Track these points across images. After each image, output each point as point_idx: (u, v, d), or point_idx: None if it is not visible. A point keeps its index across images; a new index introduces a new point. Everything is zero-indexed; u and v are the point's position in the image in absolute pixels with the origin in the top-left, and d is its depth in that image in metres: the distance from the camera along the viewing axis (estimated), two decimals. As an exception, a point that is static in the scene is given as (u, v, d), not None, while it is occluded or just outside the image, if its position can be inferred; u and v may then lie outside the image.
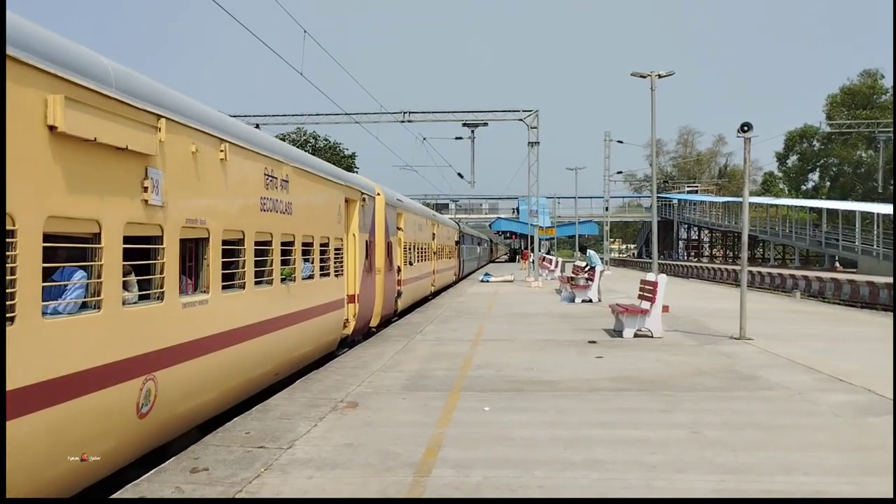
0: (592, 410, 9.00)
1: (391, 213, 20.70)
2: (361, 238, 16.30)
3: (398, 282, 21.76)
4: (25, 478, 5.42)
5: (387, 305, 19.48)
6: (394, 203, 21.58)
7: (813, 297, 35.54)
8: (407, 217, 24.13)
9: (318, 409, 9.02)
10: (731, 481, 6.25)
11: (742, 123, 15.52)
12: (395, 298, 21.13)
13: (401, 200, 23.80)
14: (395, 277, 21.05)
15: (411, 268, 24.78)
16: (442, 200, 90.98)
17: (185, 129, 7.93)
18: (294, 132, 64.04)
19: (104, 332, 6.35)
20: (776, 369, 11.80)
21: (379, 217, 18.64)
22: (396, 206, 22.11)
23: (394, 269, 20.82)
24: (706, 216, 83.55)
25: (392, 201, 21.23)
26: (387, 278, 19.28)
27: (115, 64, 6.91)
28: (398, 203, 22.87)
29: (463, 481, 6.28)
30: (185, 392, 8.00)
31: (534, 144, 41.49)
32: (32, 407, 5.41)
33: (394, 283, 20.84)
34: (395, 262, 21.24)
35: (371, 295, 17.30)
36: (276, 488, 6.12)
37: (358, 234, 15.97)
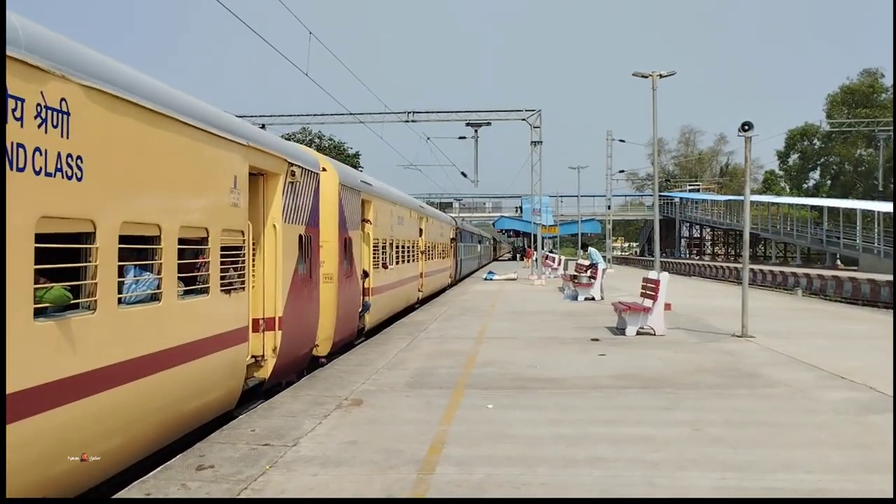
0: (595, 408, 9.04)
1: (351, 200, 15.44)
2: (290, 232, 11.11)
3: (365, 291, 16.98)
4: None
5: (343, 325, 14.40)
6: (356, 186, 16.22)
7: (814, 294, 35.55)
8: (379, 206, 18.74)
9: (323, 406, 9.08)
10: (733, 478, 6.29)
11: (743, 122, 15.55)
12: (359, 314, 16.20)
13: (369, 184, 18.38)
14: (358, 286, 15.97)
15: (386, 272, 19.35)
16: (446, 199, 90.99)
17: None
18: (299, 132, 64.25)
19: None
20: (778, 367, 11.84)
21: (328, 203, 13.58)
22: (361, 191, 16.67)
23: (356, 275, 15.61)
24: (708, 214, 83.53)
25: (352, 183, 15.96)
26: (343, 288, 14.28)
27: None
28: (365, 187, 17.41)
29: (466, 479, 6.32)
30: None
31: (537, 144, 41.59)
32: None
33: (356, 294, 15.80)
34: (359, 266, 16.04)
35: (312, 314, 12.43)
36: (282, 485, 6.17)
37: (282, 227, 10.65)
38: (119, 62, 7.06)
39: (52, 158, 5.60)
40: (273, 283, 10.63)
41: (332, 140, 70.30)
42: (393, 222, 20.84)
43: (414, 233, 25.47)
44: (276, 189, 10.78)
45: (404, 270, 22.67)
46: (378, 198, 18.76)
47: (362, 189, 16.93)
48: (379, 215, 18.55)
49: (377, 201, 18.49)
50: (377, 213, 18.29)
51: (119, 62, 7.06)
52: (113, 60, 6.94)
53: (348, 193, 15.13)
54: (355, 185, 16.22)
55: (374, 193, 18.33)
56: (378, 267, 18.22)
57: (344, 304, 14.34)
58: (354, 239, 15.56)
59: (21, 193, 5.21)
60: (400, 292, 21.90)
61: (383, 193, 20.24)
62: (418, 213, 26.95)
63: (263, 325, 10.48)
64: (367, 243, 17.31)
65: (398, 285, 21.38)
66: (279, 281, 10.67)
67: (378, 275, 18.18)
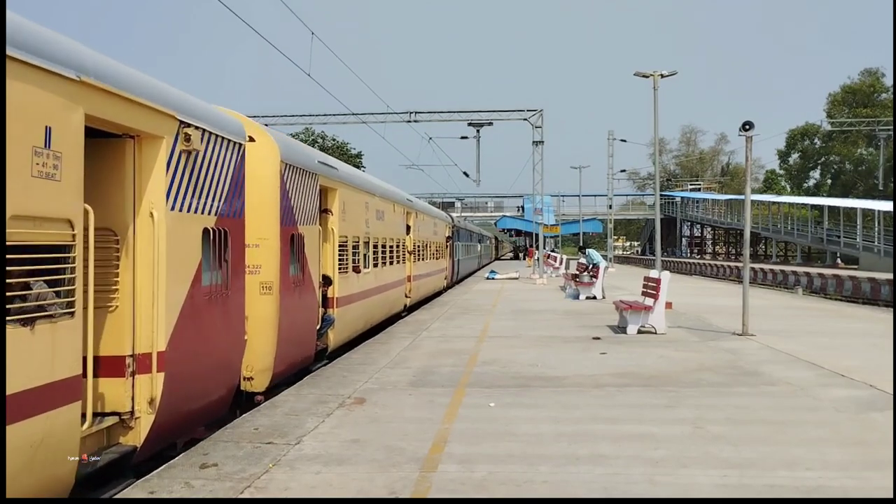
0: (597, 406, 9.06)
1: (303, 185, 11.98)
2: (183, 225, 7.68)
3: (327, 302, 13.75)
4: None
5: (291, 349, 11.17)
6: (310, 167, 12.54)
7: (815, 293, 35.56)
8: (348, 196, 15.10)
9: (326, 405, 9.11)
10: (734, 476, 6.31)
11: (744, 122, 15.58)
12: (317, 332, 12.96)
13: (332, 167, 14.56)
14: (314, 297, 12.63)
15: (359, 277, 15.85)
16: (448, 199, 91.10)
17: None
18: (302, 132, 64.37)
19: None
20: (778, 365, 11.86)
21: (262, 187, 10.39)
22: (320, 175, 13.07)
23: (311, 283, 12.26)
24: (709, 214, 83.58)
25: (304, 163, 12.27)
26: (289, 301, 10.98)
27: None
28: (325, 170, 13.67)
29: (468, 476, 6.35)
30: None
31: (538, 143, 41.62)
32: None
33: (311, 307, 12.46)
34: (316, 271, 12.73)
35: (230, 340, 9.01)
36: (284, 484, 6.20)
37: (165, 216, 7.30)
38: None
39: None
40: (149, 302, 7.15)
41: (335, 140, 70.46)
42: (369, 216, 17.27)
43: (399, 230, 22.16)
44: (154, 159, 7.27)
45: (386, 274, 19.13)
46: (346, 185, 15.06)
47: (321, 172, 13.16)
48: (348, 207, 14.96)
49: (345, 190, 14.85)
50: (345, 203, 14.70)
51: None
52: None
53: (298, 176, 11.65)
54: (309, 166, 12.43)
55: (339, 179, 14.61)
56: (346, 271, 14.67)
57: (290, 321, 10.97)
58: (308, 236, 12.05)
59: None
60: (379, 301, 18.34)
61: (354, 180, 16.62)
62: (405, 208, 23.54)
63: (133, 367, 7.09)
64: (329, 242, 13.88)
65: (377, 292, 17.90)
66: (160, 298, 7.18)
67: (347, 281, 14.68)
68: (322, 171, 13.36)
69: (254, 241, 10.09)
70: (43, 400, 5.49)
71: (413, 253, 24.53)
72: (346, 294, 14.64)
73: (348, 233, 15.05)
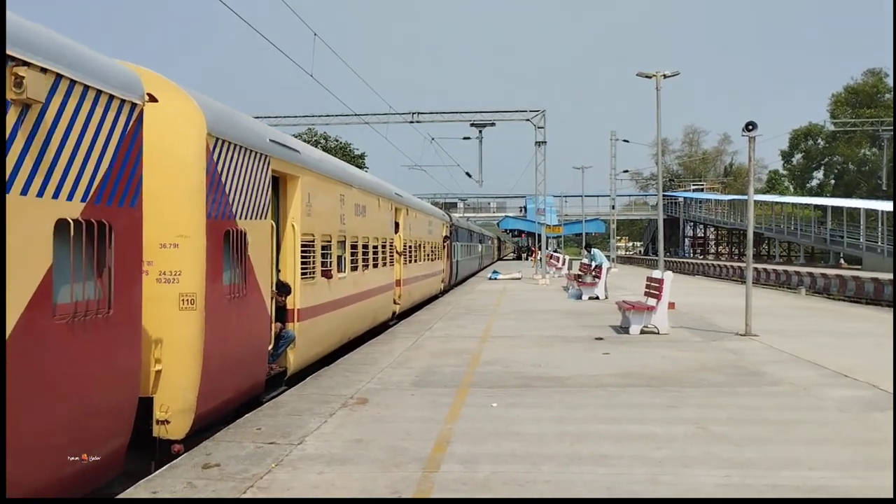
0: (599, 406, 9.06)
1: (244, 168, 9.32)
2: (24, 214, 5.35)
3: (287, 315, 11.30)
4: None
5: (225, 378, 8.75)
6: (255, 146, 9.75)
7: (818, 293, 35.51)
8: (314, 186, 12.32)
9: (329, 405, 9.12)
10: (737, 476, 6.31)
11: (747, 123, 15.56)
12: (271, 352, 10.56)
13: (291, 148, 11.60)
14: (262, 310, 9.95)
15: (331, 283, 13.20)
16: (450, 199, 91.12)
17: None
18: (305, 132, 64.46)
19: None
20: (781, 365, 11.85)
21: (175, 164, 8.12)
22: (271, 157, 10.26)
23: (259, 293, 9.74)
24: (712, 214, 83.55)
25: (245, 139, 9.46)
26: (223, 316, 8.61)
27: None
28: (279, 151, 10.78)
29: (471, 476, 6.35)
30: None
31: (541, 144, 41.67)
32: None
33: (258, 324, 9.85)
34: (266, 276, 10.07)
35: (113, 377, 6.48)
36: (287, 484, 6.20)
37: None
38: None
39: None
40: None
41: (338, 141, 70.59)
42: (346, 211, 14.61)
43: (386, 228, 19.41)
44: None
45: (368, 279, 16.57)
46: (312, 172, 12.22)
47: (275, 154, 10.43)
48: (315, 199, 12.30)
49: (310, 178, 12.07)
50: (311, 194, 12.05)
51: None
52: None
53: (238, 156, 9.02)
54: (256, 145, 9.71)
55: (302, 164, 11.74)
56: (312, 276, 12.13)
57: (224, 343, 8.60)
58: (255, 234, 9.51)
59: None
60: (359, 310, 15.74)
61: (325, 167, 13.56)
62: (392, 203, 20.58)
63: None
64: (290, 240, 11.35)
65: (356, 300, 15.35)
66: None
67: (313, 289, 12.19)
68: (276, 152, 10.56)
69: (170, 240, 7.94)
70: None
71: (403, 254, 22.14)
72: (311, 304, 12.07)
73: (315, 230, 12.37)
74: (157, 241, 7.82)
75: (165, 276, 7.94)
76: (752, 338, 15.02)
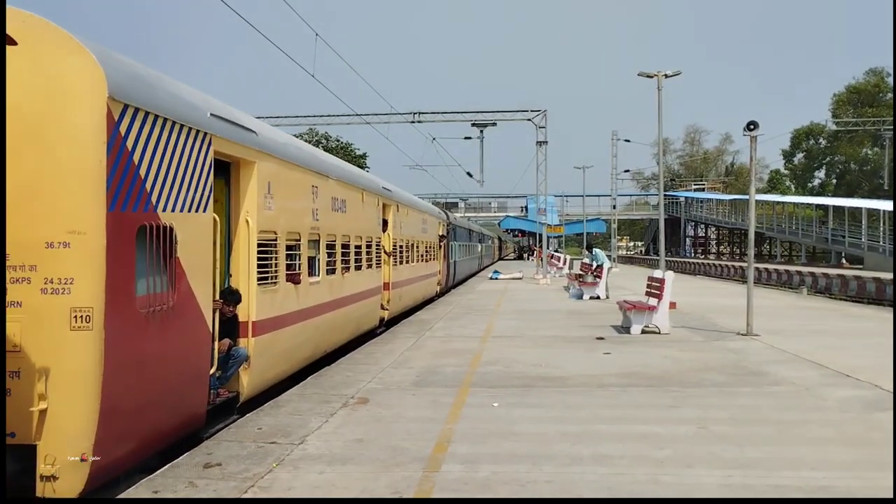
0: (600, 406, 9.05)
1: (174, 147, 7.43)
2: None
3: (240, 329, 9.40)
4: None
5: (145, 414, 6.98)
6: (189, 120, 7.82)
7: (820, 293, 35.47)
8: (276, 174, 10.47)
9: (329, 405, 9.11)
10: (738, 476, 6.30)
11: (748, 122, 15.55)
12: (216, 376, 8.80)
13: (247, 129, 9.69)
14: (200, 325, 8.05)
15: (298, 290, 11.27)
16: (451, 199, 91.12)
17: None
18: (307, 133, 64.52)
19: None
20: (783, 365, 11.84)
21: (57, 135, 6.20)
22: (213, 135, 8.36)
23: (194, 304, 7.87)
24: (713, 214, 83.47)
25: (173, 109, 7.54)
26: (137, 336, 6.75)
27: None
28: (227, 130, 8.90)
29: (472, 476, 6.34)
30: None
31: (542, 144, 41.62)
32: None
33: (194, 343, 7.97)
34: (204, 285, 8.11)
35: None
36: (288, 483, 6.20)
37: None
38: None
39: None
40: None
41: (340, 141, 70.67)
42: (320, 206, 12.68)
43: (371, 225, 17.33)
44: None
45: (348, 283, 14.67)
46: (273, 157, 10.33)
47: (218, 132, 8.46)
48: (278, 189, 10.44)
49: (271, 164, 10.21)
50: (272, 184, 10.17)
51: None
52: None
53: (156, 130, 7.05)
54: (188, 118, 7.73)
55: (259, 147, 9.78)
56: (273, 282, 10.21)
57: (140, 369, 6.79)
58: (187, 230, 7.54)
59: None
60: (338, 319, 13.82)
61: (290, 152, 11.52)
62: (379, 198, 18.49)
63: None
64: (243, 239, 9.43)
65: (334, 307, 13.47)
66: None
67: (274, 296, 10.28)
68: (221, 130, 8.56)
69: (58, 237, 6.12)
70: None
71: (393, 255, 20.21)
72: (272, 315, 10.16)
73: (278, 227, 10.45)
74: (42, 238, 6.08)
75: (53, 286, 6.10)
76: (753, 337, 15.00)
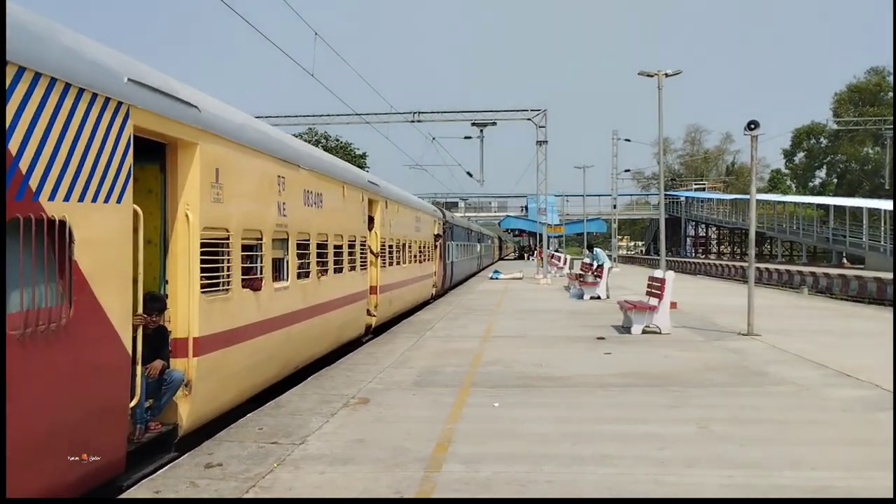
0: (601, 406, 9.05)
1: (66, 115, 5.69)
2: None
3: (174, 348, 7.85)
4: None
5: (23, 470, 5.02)
6: (94, 83, 6.08)
7: (821, 293, 35.45)
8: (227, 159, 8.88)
9: (330, 405, 9.11)
10: (740, 476, 6.29)
11: (749, 121, 15.54)
12: (151, 405, 7.44)
13: (182, 102, 7.90)
14: (111, 347, 6.19)
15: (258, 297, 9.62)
16: (451, 199, 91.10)
17: None
18: (306, 132, 64.51)
19: None
20: (784, 365, 11.83)
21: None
22: (132, 105, 6.64)
23: (103, 320, 6.06)
24: (714, 213, 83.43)
25: (69, 68, 5.78)
26: (13, 368, 4.85)
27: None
28: (151, 101, 7.13)
29: (473, 476, 6.34)
30: None
31: (542, 143, 41.60)
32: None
33: (103, 371, 6.13)
34: (113, 296, 6.18)
35: None
36: (289, 483, 6.20)
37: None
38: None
39: None
40: None
41: (339, 141, 70.74)
42: (287, 199, 11.04)
43: (355, 223, 15.48)
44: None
45: (326, 287, 12.93)
46: (221, 138, 8.72)
47: (137, 101, 6.87)
48: (229, 177, 8.80)
49: (219, 147, 8.63)
50: (221, 170, 8.62)
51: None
52: None
53: (37, 90, 5.43)
54: (87, 80, 6.09)
55: (200, 125, 8.22)
56: (223, 288, 8.66)
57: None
58: (91, 225, 6.04)
59: None
60: (313, 328, 12.18)
61: (246, 134, 9.74)
62: (364, 192, 16.51)
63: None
64: (182, 236, 7.96)
65: (306, 315, 11.76)
66: None
67: (229, 306, 8.79)
68: (144, 101, 6.96)
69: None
70: None
71: (382, 255, 18.44)
72: (222, 329, 8.54)
73: (230, 223, 8.86)
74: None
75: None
76: (754, 337, 15.00)
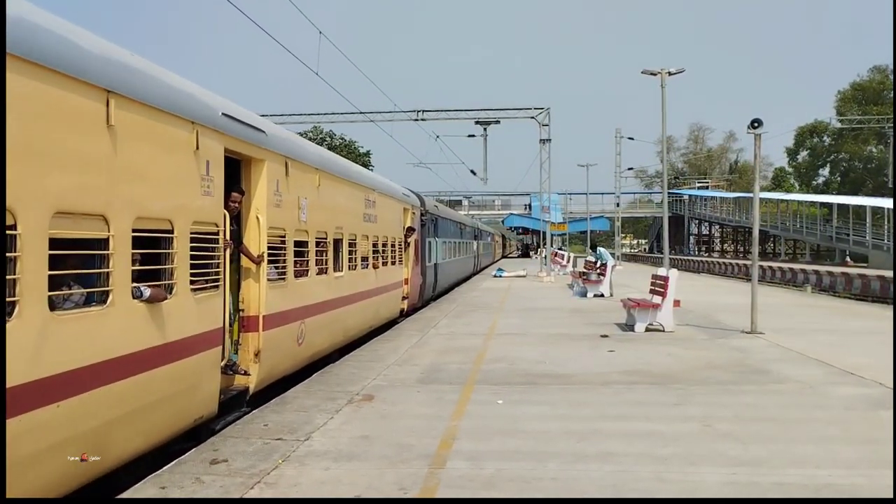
0: (605, 404, 9.07)
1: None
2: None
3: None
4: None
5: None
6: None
7: (824, 291, 35.44)
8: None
9: (335, 401, 9.14)
10: (743, 474, 6.30)
11: (752, 120, 15.54)
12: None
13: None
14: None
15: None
16: (455, 197, 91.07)
17: None
18: (311, 130, 64.54)
19: None
20: (787, 363, 11.84)
21: None
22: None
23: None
24: (717, 212, 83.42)
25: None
26: None
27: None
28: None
29: (477, 473, 6.36)
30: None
31: (545, 142, 41.58)
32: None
33: None
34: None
35: None
36: (294, 479, 6.22)
37: None
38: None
39: None
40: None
41: (344, 139, 70.77)
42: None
43: (178, 198, 6.98)
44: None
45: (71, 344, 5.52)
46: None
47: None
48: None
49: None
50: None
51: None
52: None
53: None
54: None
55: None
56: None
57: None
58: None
59: None
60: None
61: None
62: (215, 136, 7.29)
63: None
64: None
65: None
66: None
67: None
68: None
69: None
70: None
71: (274, 259, 9.63)
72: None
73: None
74: None
75: None
76: (757, 335, 15.00)
